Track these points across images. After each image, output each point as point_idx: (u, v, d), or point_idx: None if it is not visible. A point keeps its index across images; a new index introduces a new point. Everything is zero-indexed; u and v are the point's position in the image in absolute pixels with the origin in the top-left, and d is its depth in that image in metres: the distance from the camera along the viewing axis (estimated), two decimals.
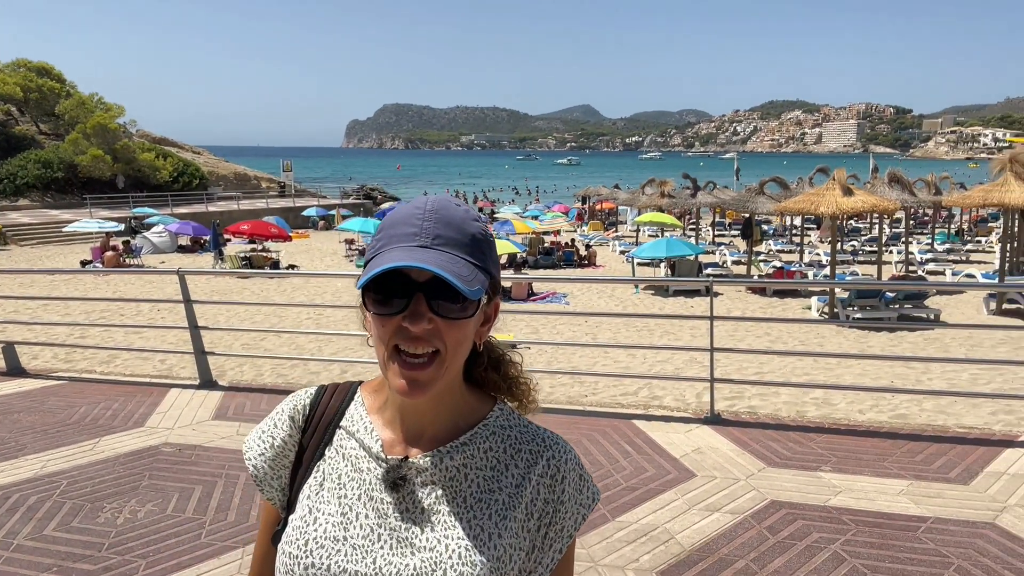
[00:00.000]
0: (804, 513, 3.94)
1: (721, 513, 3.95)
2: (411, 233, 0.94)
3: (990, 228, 32.36)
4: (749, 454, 4.74)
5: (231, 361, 10.08)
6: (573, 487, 1.06)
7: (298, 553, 1.01)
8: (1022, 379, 9.50)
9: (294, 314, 14.96)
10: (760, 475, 4.43)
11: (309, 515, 1.03)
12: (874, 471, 4.45)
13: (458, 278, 0.89)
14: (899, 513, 3.91)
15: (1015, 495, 4.06)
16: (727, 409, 6.49)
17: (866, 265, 22.14)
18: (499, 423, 1.08)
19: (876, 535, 3.69)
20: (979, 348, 11.68)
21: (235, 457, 4.84)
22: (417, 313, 0.92)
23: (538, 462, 1.05)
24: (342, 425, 1.09)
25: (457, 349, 0.96)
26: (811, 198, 13.92)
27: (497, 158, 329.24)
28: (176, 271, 6.27)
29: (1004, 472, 4.36)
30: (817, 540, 3.66)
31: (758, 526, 3.81)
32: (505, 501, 1.02)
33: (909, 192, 17.83)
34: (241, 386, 6.63)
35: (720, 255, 23.72)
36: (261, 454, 1.12)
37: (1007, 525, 3.73)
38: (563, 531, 1.05)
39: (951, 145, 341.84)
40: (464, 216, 0.98)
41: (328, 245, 30.21)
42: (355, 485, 1.03)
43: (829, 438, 5.03)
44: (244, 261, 22.15)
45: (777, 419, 5.58)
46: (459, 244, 0.95)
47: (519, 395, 1.13)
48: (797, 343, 12.20)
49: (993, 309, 14.45)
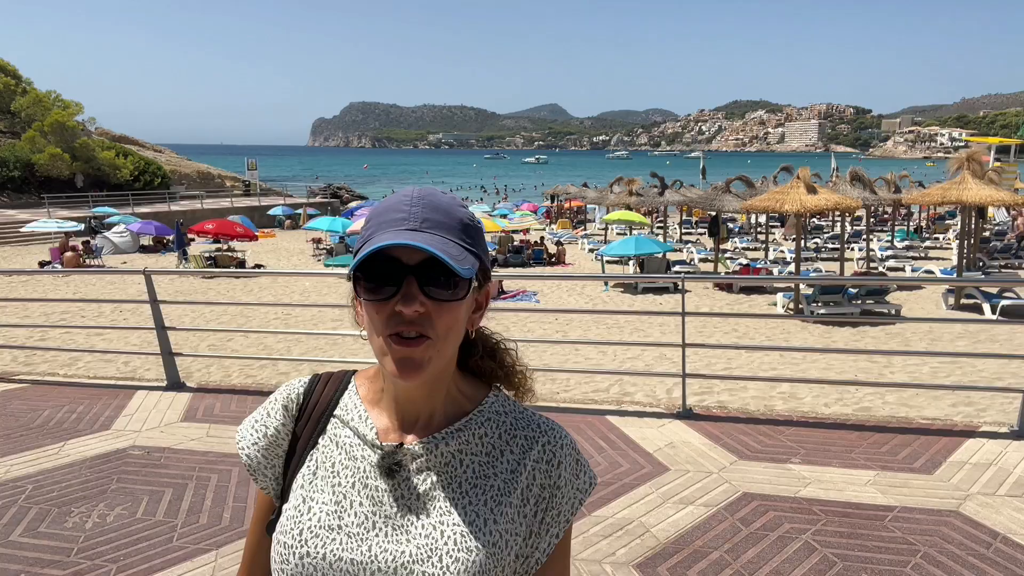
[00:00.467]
0: (775, 504, 4.01)
1: (695, 506, 4.01)
2: (399, 218, 0.94)
3: (947, 225, 33.20)
4: (721, 448, 4.81)
5: (198, 362, 9.92)
6: (570, 472, 1.06)
7: (293, 543, 1.00)
8: (980, 371, 9.78)
9: (261, 314, 14.77)
10: (732, 468, 4.50)
11: (303, 504, 1.03)
12: (842, 462, 4.55)
13: (449, 256, 0.90)
14: (867, 503, 4.00)
15: (977, 483, 4.18)
16: (698, 404, 6.57)
17: (829, 262, 22.56)
18: (494, 409, 1.08)
19: (845, 524, 3.77)
20: (939, 342, 11.98)
21: (205, 459, 4.78)
22: (409, 295, 0.92)
23: (533, 447, 1.05)
24: (336, 414, 1.08)
25: (448, 334, 0.96)
26: (776, 196, 14.15)
27: (465, 157, 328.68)
28: (142, 271, 6.15)
29: (966, 462, 4.49)
30: (788, 530, 3.73)
31: (731, 518, 3.87)
32: (500, 487, 1.02)
33: (870, 190, 18.22)
34: (210, 387, 6.52)
35: (687, 253, 23.98)
36: (254, 443, 1.11)
37: (970, 513, 3.84)
38: (560, 516, 1.05)
39: (909, 144, 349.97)
40: (451, 202, 0.99)
41: (295, 244, 29.89)
42: (349, 473, 1.03)
43: (798, 431, 5.13)
44: (209, 261, 21.79)
45: (747, 413, 5.67)
46: (448, 227, 0.95)
47: (516, 383, 1.13)
48: (764, 339, 12.40)
49: (952, 304, 14.84)
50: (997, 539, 3.56)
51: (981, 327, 12.47)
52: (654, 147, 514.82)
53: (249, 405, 5.91)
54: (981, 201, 13.99)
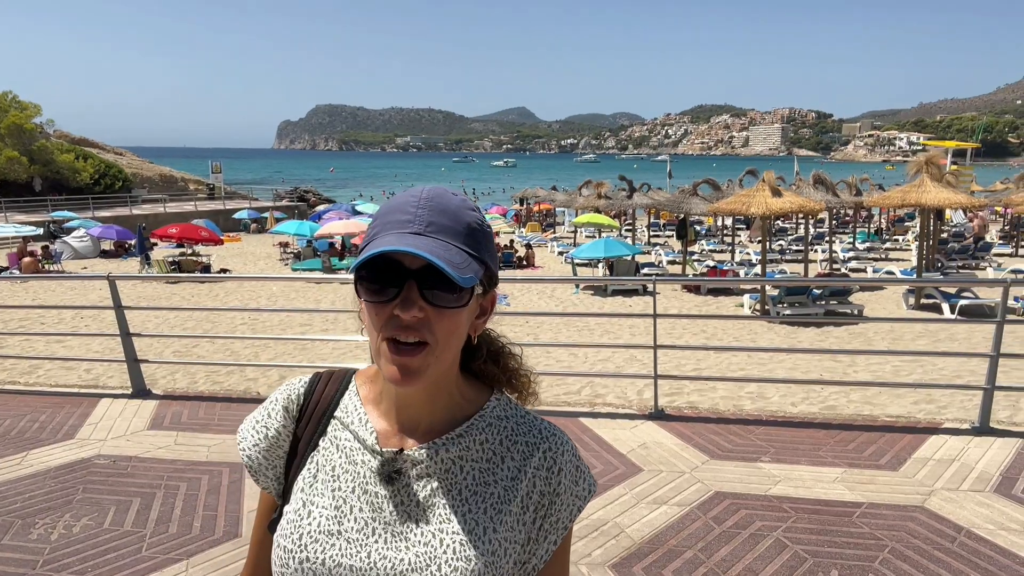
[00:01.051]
0: (747, 503, 4.07)
1: (668, 506, 4.05)
2: (404, 220, 0.93)
3: (907, 227, 34.01)
4: (693, 448, 4.87)
5: (163, 369, 9.74)
6: (569, 479, 1.05)
7: (292, 547, 1.00)
8: (941, 370, 10.04)
9: (228, 319, 14.55)
10: (704, 467, 4.55)
11: (303, 508, 1.03)
12: (810, 460, 4.63)
13: (449, 264, 0.88)
14: (835, 499, 4.08)
15: (941, 479, 4.29)
16: (669, 405, 6.64)
17: (793, 263, 22.96)
18: (495, 414, 1.07)
19: (815, 521, 3.84)
20: (900, 341, 12.26)
21: (174, 468, 4.69)
22: (408, 300, 0.90)
23: (534, 454, 1.04)
24: (336, 415, 1.08)
25: (448, 340, 0.95)
26: (742, 199, 14.37)
27: (433, 160, 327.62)
28: (107, 276, 6.02)
29: (930, 458, 4.60)
30: (760, 528, 3.79)
31: (704, 517, 3.92)
32: (500, 494, 1.01)
33: (832, 193, 18.59)
34: (176, 394, 6.40)
35: (656, 255, 24.21)
36: (255, 444, 1.11)
37: (935, 508, 3.94)
38: (558, 523, 1.04)
39: (869, 148, 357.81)
40: (460, 205, 0.97)
41: (261, 248, 29.49)
42: (349, 478, 1.02)
43: (767, 430, 5.21)
44: (173, 266, 21.42)
45: (718, 413, 5.74)
46: (453, 232, 0.94)
47: (518, 387, 1.12)
48: (732, 339, 12.56)
49: (912, 304, 15.19)
50: (961, 533, 3.66)
51: (941, 326, 12.79)
52: (621, 150, 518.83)
53: (218, 412, 5.83)
54: (939, 204, 14.36)
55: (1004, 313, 4.83)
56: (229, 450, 4.99)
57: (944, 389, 8.74)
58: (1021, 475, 4.29)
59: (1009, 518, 3.78)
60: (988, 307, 14.29)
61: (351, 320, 4.95)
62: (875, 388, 9.00)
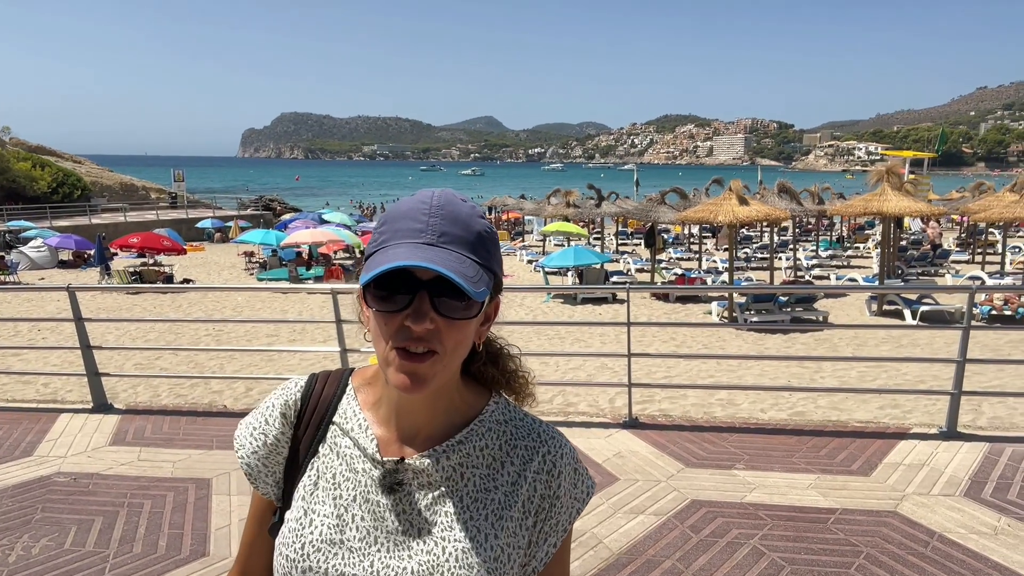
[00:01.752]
0: (723, 511, 4.07)
1: (645, 515, 4.03)
2: (417, 229, 0.92)
3: (867, 235, 34.76)
4: (668, 456, 4.86)
5: (123, 382, 9.48)
6: (568, 482, 1.05)
7: (295, 556, 1.00)
8: (904, 375, 10.22)
9: (192, 331, 14.25)
10: (679, 476, 4.55)
11: (304, 517, 1.02)
12: (784, 467, 4.66)
13: (464, 279, 0.87)
14: (810, 506, 4.10)
15: (912, 484, 4.34)
16: (642, 412, 6.63)
17: (759, 271, 23.29)
18: (495, 418, 1.06)
19: (791, 528, 3.85)
20: (864, 347, 12.47)
21: (137, 484, 4.55)
22: (420, 312, 0.89)
23: (534, 458, 1.04)
24: (335, 421, 1.06)
25: (456, 349, 0.95)
26: (710, 207, 14.53)
27: (401, 168, 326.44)
28: (66, 287, 5.84)
29: (900, 463, 4.66)
30: (737, 536, 3.78)
31: (681, 526, 3.91)
32: (501, 500, 1.01)
33: (796, 202, 18.91)
34: (139, 409, 6.22)
35: (624, 263, 24.37)
36: (254, 452, 1.09)
37: (907, 513, 3.98)
38: (558, 525, 1.04)
39: (829, 158, 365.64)
40: (470, 213, 0.96)
41: (225, 258, 29.03)
42: (351, 486, 1.01)
43: (740, 437, 5.23)
44: (134, 276, 20.94)
45: (691, 421, 5.75)
46: (465, 242, 0.93)
47: (516, 388, 1.12)
48: (701, 346, 12.66)
49: (875, 310, 15.49)
50: (934, 538, 3.70)
51: (903, 332, 13.05)
52: (588, 159, 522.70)
53: (182, 426, 5.67)
54: (900, 212, 14.69)
55: (970, 319, 4.92)
56: (194, 465, 4.86)
57: (909, 394, 8.88)
58: (989, 479, 4.36)
59: (979, 522, 3.84)
60: (948, 313, 14.63)
61: (319, 330, 4.91)
62: (842, 393, 9.14)
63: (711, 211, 14.38)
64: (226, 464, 4.87)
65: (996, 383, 9.58)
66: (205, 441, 5.33)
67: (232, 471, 4.75)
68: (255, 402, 9.07)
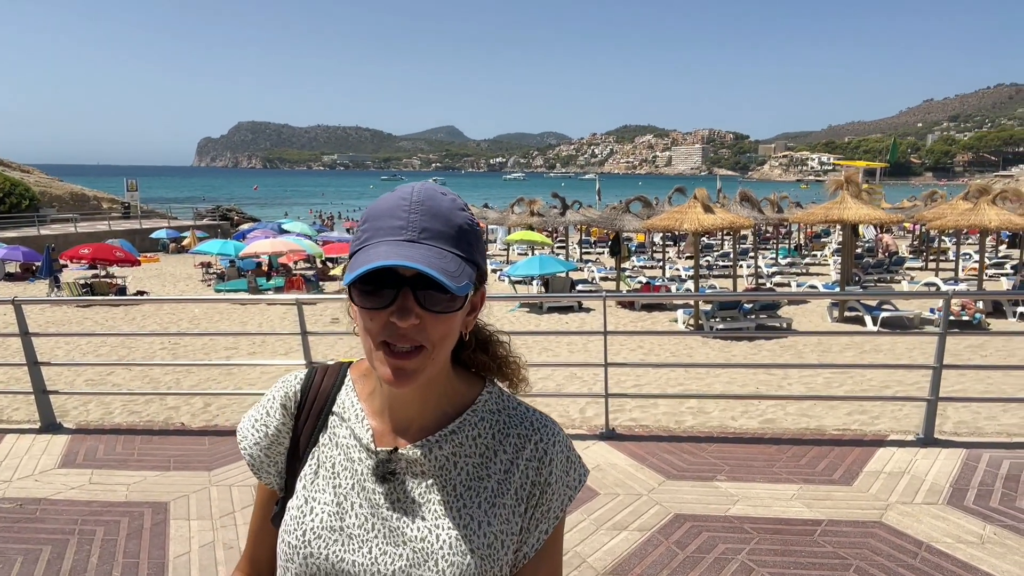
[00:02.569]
0: (708, 524, 3.95)
1: (629, 531, 3.89)
2: (397, 226, 0.92)
3: (823, 243, 35.46)
4: (648, 468, 4.74)
5: (73, 400, 9.05)
6: (560, 469, 1.06)
7: (297, 543, 1.02)
8: (869, 380, 10.32)
9: (146, 345, 13.76)
10: (661, 489, 4.43)
11: (306, 505, 1.04)
12: (766, 477, 4.57)
13: (445, 274, 0.88)
14: (795, 518, 4.01)
15: (895, 493, 4.28)
16: (615, 423, 6.52)
17: (721, 279, 23.49)
18: (488, 408, 1.07)
19: (778, 542, 3.75)
20: (828, 353, 12.59)
21: (89, 510, 4.26)
22: (405, 308, 0.91)
23: (526, 446, 1.05)
24: (335, 411, 1.09)
25: (443, 342, 0.96)
26: (675, 215, 14.57)
27: (361, 178, 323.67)
28: (11, 300, 5.50)
29: (881, 471, 4.61)
30: (724, 552, 3.67)
31: (666, 541, 3.78)
32: (494, 488, 1.02)
33: (758, 210, 19.13)
34: (91, 428, 5.88)
35: (589, 272, 24.37)
36: (256, 443, 1.12)
37: (893, 523, 3.91)
38: (549, 512, 1.05)
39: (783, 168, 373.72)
40: (450, 207, 0.96)
41: (182, 269, 28.28)
42: (348, 475, 1.04)
43: (719, 447, 5.14)
44: (85, 288, 20.21)
45: (669, 431, 5.65)
46: (446, 237, 0.93)
47: (509, 374, 1.13)
48: (668, 354, 12.64)
49: (836, 316, 15.70)
50: (922, 548, 3.63)
51: (865, 338, 13.23)
52: (549, 169, 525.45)
53: (137, 446, 5.37)
54: (860, 219, 14.93)
55: (946, 325, 4.91)
56: (151, 488, 4.58)
57: (878, 401, 8.96)
58: (970, 486, 4.33)
59: (965, 531, 3.79)
60: (907, 319, 14.90)
61: (280, 342, 4.62)
62: (811, 400, 9.17)
63: (677, 219, 14.42)
64: (184, 486, 4.60)
65: (958, 388, 9.72)
66: (162, 462, 5.04)
67: (191, 493, 4.48)
68: (214, 418, 8.74)
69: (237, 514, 4.19)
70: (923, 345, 12.87)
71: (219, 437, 5.57)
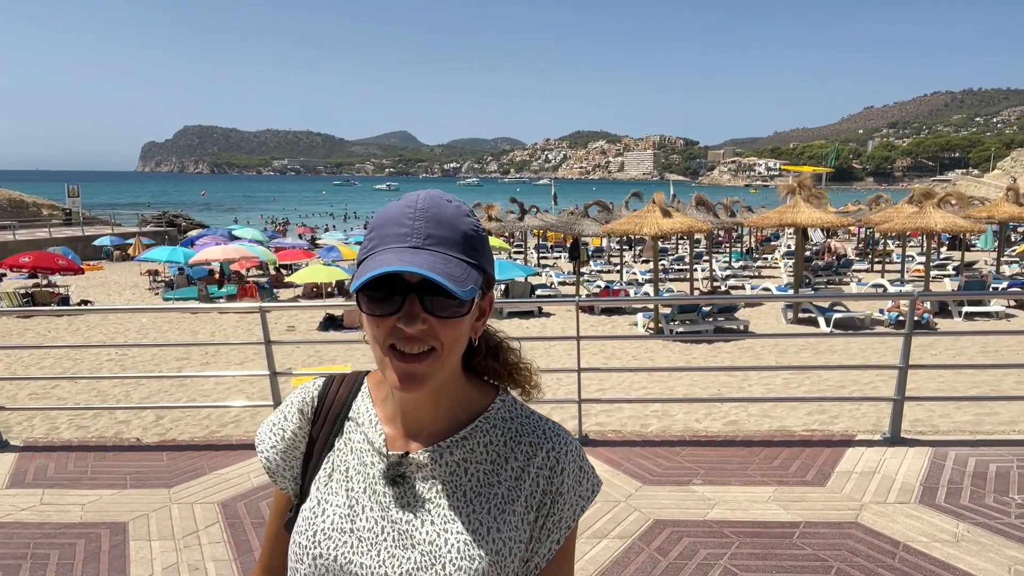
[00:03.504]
0: (688, 530, 3.93)
1: (609, 539, 3.84)
2: (402, 234, 0.94)
3: (773, 247, 36.24)
4: (624, 474, 4.70)
5: (16, 415, 8.63)
6: (572, 479, 1.05)
7: (307, 543, 1.02)
8: (826, 380, 10.53)
9: (92, 356, 13.25)
10: (638, 495, 4.39)
11: (318, 507, 1.05)
12: (741, 480, 4.57)
13: (450, 279, 0.89)
14: (773, 520, 4.01)
15: (867, 493, 4.32)
16: (593, 430, 6.48)
17: (677, 282, 23.80)
18: (500, 415, 1.07)
19: (758, 545, 3.74)
20: (786, 354, 12.82)
21: (41, 532, 4.02)
22: (411, 314, 0.92)
23: (537, 454, 1.05)
24: (350, 417, 1.10)
25: (453, 346, 0.96)
26: (636, 219, 14.69)
27: (313, 183, 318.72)
28: None
29: (852, 471, 4.65)
30: (706, 557, 3.64)
31: (648, 549, 3.74)
32: (504, 495, 1.02)
33: (713, 214, 19.42)
34: (39, 445, 5.59)
35: (547, 276, 24.42)
36: (273, 447, 1.13)
37: (868, 523, 3.94)
38: (561, 522, 1.04)
39: (732, 173, 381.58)
40: (455, 213, 0.97)
41: (127, 277, 27.37)
42: (361, 478, 1.05)
43: (692, 451, 5.13)
44: (25, 298, 19.40)
45: (641, 436, 5.63)
46: (451, 243, 0.95)
47: (520, 381, 1.13)
48: (630, 358, 12.70)
49: (791, 318, 16.02)
50: (899, 548, 3.66)
51: (820, 339, 13.52)
52: (504, 174, 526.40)
53: (91, 463, 5.12)
54: (813, 223, 15.28)
55: (911, 326, 4.99)
56: (107, 508, 4.35)
57: (843, 401, 9.13)
58: (939, 484, 4.40)
59: (939, 529, 3.83)
60: (858, 320, 15.29)
61: (234, 352, 4.42)
62: (772, 402, 9.30)
63: (637, 223, 14.53)
64: (143, 505, 4.38)
65: (912, 387, 9.95)
66: (118, 479, 4.81)
67: (151, 512, 4.28)
68: (168, 432, 8.43)
69: (201, 533, 4.01)
70: (875, 345, 13.21)
71: (177, 452, 5.34)
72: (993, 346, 12.52)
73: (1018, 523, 3.89)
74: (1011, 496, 4.22)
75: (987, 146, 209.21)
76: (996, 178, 75.07)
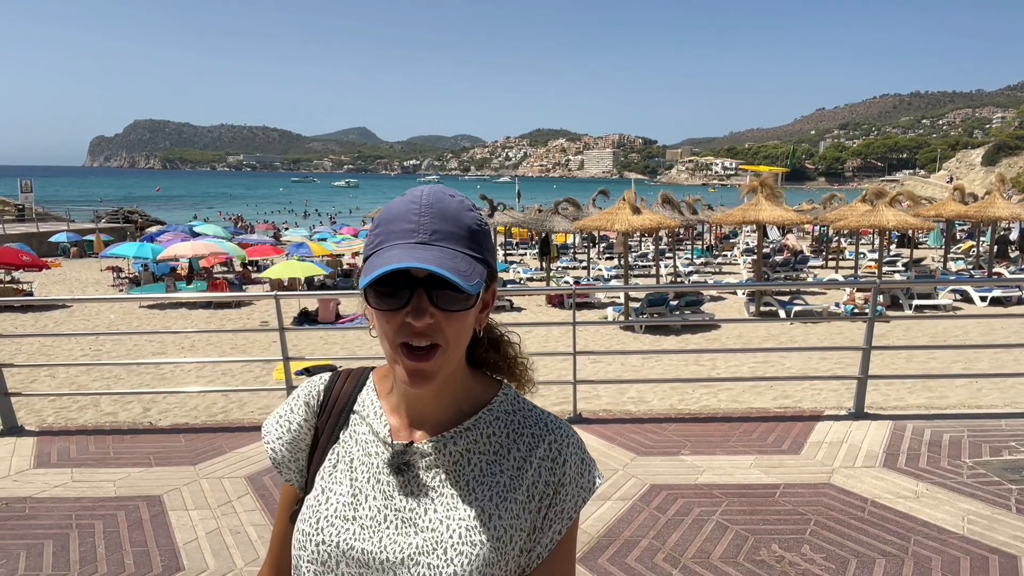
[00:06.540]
0: (682, 492, 4.37)
1: (613, 501, 4.26)
2: (409, 230, 0.96)
3: (732, 244, 37.26)
4: (618, 447, 5.13)
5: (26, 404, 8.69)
6: (574, 470, 1.07)
7: (310, 531, 1.05)
8: (788, 368, 11.14)
9: (65, 353, 13.22)
10: (634, 464, 4.82)
11: (322, 495, 1.08)
12: (724, 450, 5.04)
13: (457, 274, 0.92)
14: (756, 483, 4.48)
15: (837, 459, 4.83)
16: (585, 409, 6.89)
17: (642, 278, 24.44)
18: (503, 408, 1.10)
19: (745, 503, 4.20)
20: (750, 344, 13.44)
21: (80, 506, 4.28)
22: (419, 309, 0.94)
23: (540, 445, 1.07)
24: (355, 410, 1.13)
25: (458, 340, 1.00)
26: (607, 216, 15.19)
27: (271, 180, 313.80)
28: None
29: (823, 441, 5.16)
30: (700, 514, 4.09)
31: (648, 508, 4.17)
32: (506, 483, 1.04)
33: (679, 212, 20.04)
34: (55, 430, 5.79)
35: (515, 272, 24.84)
36: (279, 438, 1.16)
37: (840, 483, 4.44)
38: (563, 512, 1.06)
39: (690, 172, 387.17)
40: (459, 208, 1.00)
41: (88, 274, 26.91)
42: (365, 468, 1.07)
43: (679, 426, 5.59)
44: None
45: (631, 414, 6.08)
46: (457, 237, 0.97)
47: (518, 374, 1.16)
48: (602, 347, 13.17)
49: (753, 311, 16.71)
50: (868, 503, 4.16)
51: (782, 330, 14.20)
52: (464, 172, 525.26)
53: (111, 445, 5.37)
54: (774, 221, 15.96)
55: (874, 312, 5.53)
56: (139, 483, 4.62)
57: (820, 380, 9.76)
58: (900, 451, 4.94)
59: (902, 487, 4.35)
60: (816, 312, 16.05)
61: (210, 345, 4.88)
62: (740, 386, 9.85)
63: (608, 220, 15.03)
64: (173, 480, 4.66)
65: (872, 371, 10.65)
66: (141, 459, 5.06)
67: (183, 486, 4.56)
68: (158, 418, 8.59)
69: (235, 503, 4.31)
70: (832, 336, 13.96)
71: (194, 434, 5.61)
72: (942, 336, 13.35)
73: (970, 482, 4.43)
74: (963, 460, 4.77)
75: (933, 147, 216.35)
76: (942, 178, 78.04)
